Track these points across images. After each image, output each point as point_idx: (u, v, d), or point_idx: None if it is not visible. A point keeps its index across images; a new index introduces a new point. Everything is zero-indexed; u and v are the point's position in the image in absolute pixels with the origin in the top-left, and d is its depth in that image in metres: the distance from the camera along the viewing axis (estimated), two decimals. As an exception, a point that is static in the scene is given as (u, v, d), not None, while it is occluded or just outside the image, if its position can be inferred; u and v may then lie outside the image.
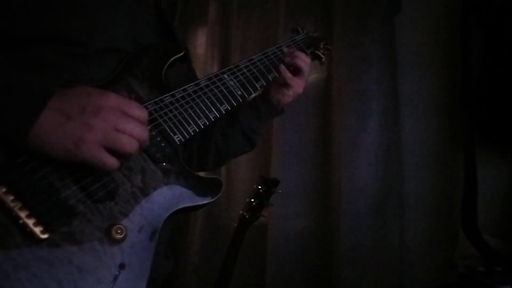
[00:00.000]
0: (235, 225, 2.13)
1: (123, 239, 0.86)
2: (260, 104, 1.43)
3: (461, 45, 2.05)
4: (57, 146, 0.79)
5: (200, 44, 3.17)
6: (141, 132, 0.87)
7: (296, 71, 1.41)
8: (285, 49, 1.45)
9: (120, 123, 0.83)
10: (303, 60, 1.41)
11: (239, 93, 1.25)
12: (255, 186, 2.13)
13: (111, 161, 0.83)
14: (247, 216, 2.10)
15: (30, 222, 0.76)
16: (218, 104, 1.18)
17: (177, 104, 1.09)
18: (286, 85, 1.40)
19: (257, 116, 1.43)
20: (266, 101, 1.44)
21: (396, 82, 2.31)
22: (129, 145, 0.84)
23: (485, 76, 1.98)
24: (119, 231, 0.86)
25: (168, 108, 1.07)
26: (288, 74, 1.39)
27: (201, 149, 1.42)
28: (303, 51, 1.51)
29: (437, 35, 2.26)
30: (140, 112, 0.88)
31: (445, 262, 2.07)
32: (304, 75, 1.42)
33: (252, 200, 2.11)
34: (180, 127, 1.07)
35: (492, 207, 1.99)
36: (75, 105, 0.81)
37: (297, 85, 1.41)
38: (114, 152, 0.84)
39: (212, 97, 1.18)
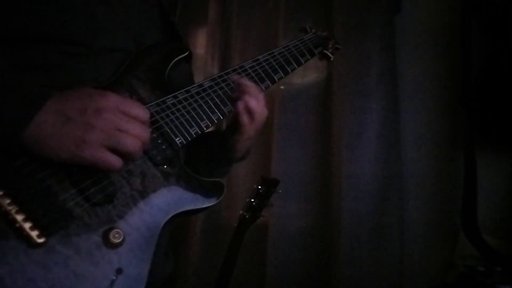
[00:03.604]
0: (235, 225, 2.13)
1: (120, 244, 0.85)
2: (215, 150, 1.31)
3: (461, 45, 2.05)
4: (57, 147, 0.79)
5: (200, 44, 3.17)
6: (143, 132, 0.87)
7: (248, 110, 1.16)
8: (234, 77, 1.20)
9: (122, 123, 0.83)
10: (255, 99, 1.16)
11: None
12: (255, 186, 2.13)
13: (114, 161, 0.83)
14: (247, 216, 2.09)
15: (26, 226, 0.76)
16: (221, 106, 1.16)
17: (179, 106, 1.08)
18: (238, 128, 1.19)
19: (210, 161, 1.31)
20: (221, 146, 1.28)
21: (396, 82, 2.31)
22: (132, 144, 0.84)
23: (485, 76, 1.98)
24: (116, 235, 0.85)
25: (170, 110, 1.05)
26: (245, 119, 1.16)
27: None
28: (310, 51, 1.49)
29: (437, 35, 2.26)
30: (141, 112, 0.88)
31: (445, 262, 2.06)
32: (255, 118, 1.17)
33: (252, 200, 2.10)
34: (182, 129, 1.06)
35: (492, 207, 1.99)
36: (76, 106, 0.81)
37: (249, 129, 1.19)
38: (116, 152, 0.83)
39: (215, 98, 1.16)
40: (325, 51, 1.57)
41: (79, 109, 0.81)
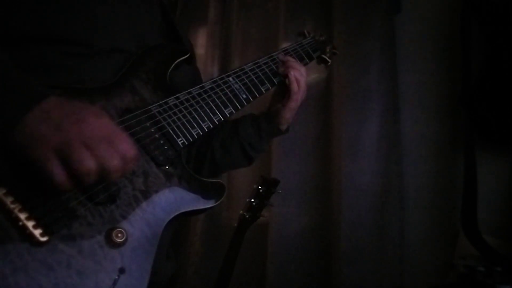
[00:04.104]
0: (235, 225, 2.13)
1: (123, 243, 0.86)
2: (261, 120, 1.40)
3: (461, 45, 2.05)
4: (24, 141, 0.75)
5: (200, 44, 3.17)
6: (114, 162, 0.78)
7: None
8: (281, 57, 1.39)
9: (93, 143, 0.77)
10: (299, 72, 1.36)
11: (244, 96, 1.24)
12: (255, 186, 2.13)
13: (57, 172, 0.75)
14: (247, 216, 2.09)
15: (29, 224, 0.76)
16: (222, 107, 1.18)
17: (181, 107, 1.09)
18: (287, 97, 1.36)
19: (257, 132, 1.39)
20: (268, 117, 1.40)
21: (396, 82, 2.31)
22: (86, 163, 0.75)
23: (485, 76, 1.97)
24: (119, 234, 0.85)
25: (172, 111, 1.06)
26: (295, 86, 1.34)
27: (198, 156, 1.39)
28: (309, 55, 1.51)
29: (437, 35, 2.26)
30: (128, 149, 0.81)
31: (445, 262, 2.06)
32: (301, 87, 1.36)
33: (252, 200, 2.11)
34: (184, 130, 1.07)
35: (492, 207, 1.99)
36: (63, 110, 0.78)
37: (297, 96, 1.36)
38: (69, 168, 0.76)
39: (216, 100, 1.17)
40: (323, 56, 1.59)
41: (64, 114, 0.78)
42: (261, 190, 2.11)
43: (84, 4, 1.03)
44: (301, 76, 1.36)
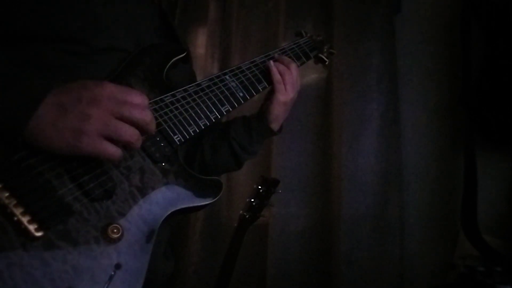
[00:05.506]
0: (235, 225, 2.13)
1: (119, 239, 0.86)
2: (253, 119, 1.39)
3: (461, 45, 2.05)
4: (57, 139, 0.79)
5: (200, 44, 3.18)
6: (142, 116, 0.85)
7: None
8: (276, 56, 1.39)
9: (118, 110, 0.82)
10: (282, 66, 1.35)
11: (241, 94, 1.25)
12: (255, 186, 2.13)
13: (113, 150, 0.82)
14: (247, 216, 2.09)
15: (25, 219, 0.76)
16: (219, 105, 1.18)
17: (177, 104, 1.09)
18: (273, 89, 1.34)
19: (247, 131, 1.38)
20: (259, 116, 1.39)
21: (396, 82, 2.31)
22: (130, 133, 0.83)
23: (485, 77, 1.97)
24: (115, 230, 0.85)
25: (169, 108, 1.07)
26: (277, 76, 1.33)
27: (188, 157, 1.37)
28: (306, 54, 1.51)
29: (437, 35, 2.26)
30: (139, 98, 0.86)
31: (445, 262, 2.06)
32: (285, 79, 1.34)
33: (252, 200, 2.10)
34: (180, 127, 1.07)
35: (492, 207, 1.99)
36: (72, 97, 0.80)
37: (280, 91, 1.34)
38: (114, 140, 0.83)
39: (213, 97, 1.18)
40: (320, 55, 1.59)
41: (74, 100, 0.80)
42: (261, 190, 2.11)
43: (83, 3, 1.03)
44: (284, 70, 1.34)
